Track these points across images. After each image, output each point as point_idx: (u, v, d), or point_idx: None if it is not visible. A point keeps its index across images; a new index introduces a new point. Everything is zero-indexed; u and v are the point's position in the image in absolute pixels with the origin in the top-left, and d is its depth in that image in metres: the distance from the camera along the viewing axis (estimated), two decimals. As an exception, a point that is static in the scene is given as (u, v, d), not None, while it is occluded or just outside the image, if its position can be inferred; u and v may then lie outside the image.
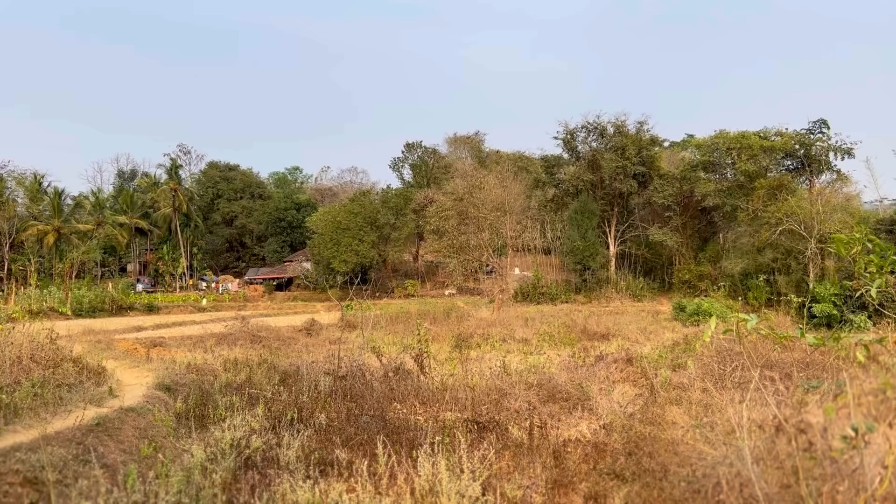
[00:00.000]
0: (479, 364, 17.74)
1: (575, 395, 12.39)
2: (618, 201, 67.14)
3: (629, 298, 60.66)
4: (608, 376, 15.85)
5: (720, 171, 62.25)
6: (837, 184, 60.42)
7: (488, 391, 12.12)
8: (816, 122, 58.00)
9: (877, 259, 4.46)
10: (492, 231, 53.05)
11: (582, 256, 63.44)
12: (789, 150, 58.34)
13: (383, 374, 13.51)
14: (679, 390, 12.82)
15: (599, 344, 26.39)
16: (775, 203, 53.87)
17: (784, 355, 16.37)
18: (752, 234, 56.97)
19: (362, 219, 68.82)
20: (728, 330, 4.36)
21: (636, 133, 66.10)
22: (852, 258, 4.30)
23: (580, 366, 17.57)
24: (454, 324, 34.63)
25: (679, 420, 9.03)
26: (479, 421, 9.72)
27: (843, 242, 4.22)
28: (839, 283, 47.55)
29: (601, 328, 33.00)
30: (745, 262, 56.43)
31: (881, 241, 20.81)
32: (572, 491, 6.84)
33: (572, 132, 68.36)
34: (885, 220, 53.26)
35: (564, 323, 35.23)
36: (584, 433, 9.62)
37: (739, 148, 58.70)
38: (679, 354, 19.53)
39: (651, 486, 6.63)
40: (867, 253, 4.28)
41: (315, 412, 10.77)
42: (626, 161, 64.01)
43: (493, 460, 7.59)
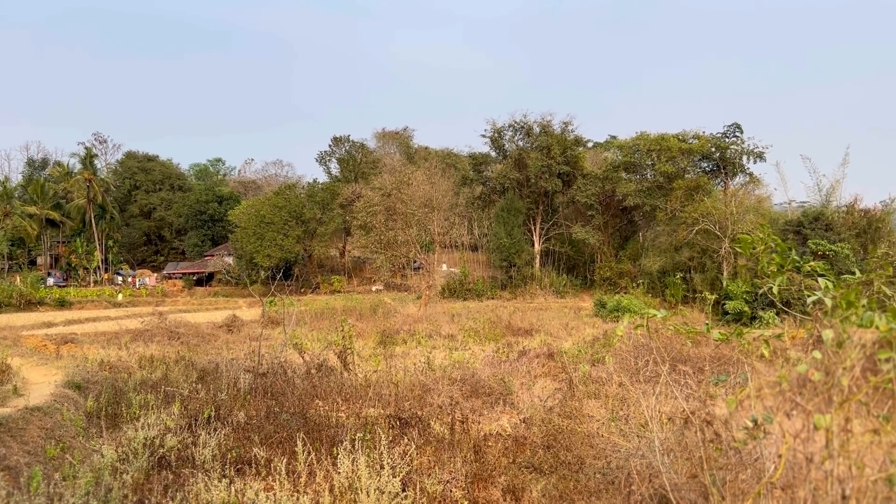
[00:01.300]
0: (405, 360, 17.75)
1: (497, 390, 12.55)
2: (543, 200, 68.24)
3: (553, 295, 61.83)
4: (530, 371, 16.12)
5: (641, 172, 64.09)
6: (750, 186, 63.19)
7: (412, 387, 12.13)
8: (731, 126, 60.49)
9: (778, 258, 4.68)
10: (420, 227, 53.08)
11: (508, 253, 64.24)
12: (706, 152, 60.61)
13: (306, 371, 13.33)
14: (597, 384, 13.17)
15: (523, 339, 26.83)
16: (692, 203, 55.88)
17: (697, 350, 17.02)
18: (670, 234, 58.92)
19: (287, 213, 67.60)
20: (639, 326, 4.50)
21: (561, 133, 67.35)
22: (757, 257, 4.51)
23: (504, 361, 17.81)
24: (380, 320, 34.52)
25: (596, 413, 9.27)
26: (401, 417, 9.72)
27: (746, 242, 4.41)
28: (750, 281, 49.81)
29: (525, 324, 33.55)
30: (663, 261, 58.31)
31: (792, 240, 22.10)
32: (492, 484, 6.93)
33: (500, 131, 69.11)
34: (793, 222, 55.92)
35: (490, 319, 35.65)
36: (505, 427, 9.75)
37: (659, 150, 60.59)
38: (598, 350, 20.05)
39: (567, 478, 6.78)
40: (770, 252, 4.49)
41: (234, 410, 10.54)
42: (552, 160, 65.14)
43: (415, 456, 7.61)
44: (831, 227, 53.00)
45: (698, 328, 4.75)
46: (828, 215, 54.55)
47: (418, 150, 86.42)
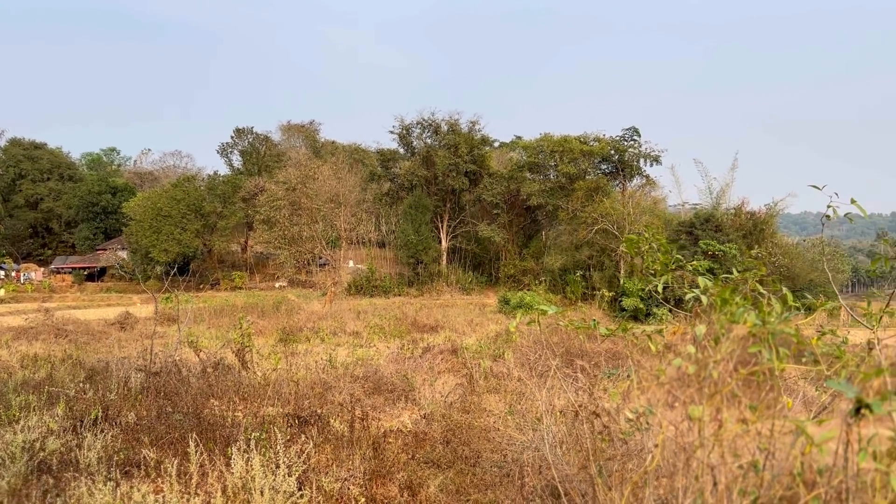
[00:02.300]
0: (307, 358, 17.49)
1: (400, 387, 12.57)
2: (450, 197, 68.80)
3: (459, 292, 62.49)
4: (433, 367, 16.22)
5: (544, 173, 65.64)
6: (646, 188, 65.92)
7: (313, 385, 11.97)
8: (629, 130, 62.84)
9: (662, 258, 4.90)
10: (325, 223, 52.38)
11: (415, 250, 64.42)
12: (605, 154, 62.72)
13: (202, 370, 12.92)
14: (497, 380, 13.41)
15: (428, 336, 26.96)
16: (592, 204, 57.72)
17: (594, 346, 17.61)
18: (571, 233, 60.66)
19: (186, 206, 65.19)
20: (531, 322, 4.61)
21: (468, 132, 68.09)
22: (642, 257, 4.70)
23: (408, 357, 17.84)
24: (283, 317, 33.86)
25: (495, 408, 9.44)
26: (300, 415, 9.57)
27: (632, 242, 4.60)
28: (646, 279, 52.05)
29: (431, 320, 33.74)
30: (564, 259, 59.97)
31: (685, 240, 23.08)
32: (390, 481, 6.94)
33: (408, 128, 69.14)
34: (686, 223, 58.71)
35: (396, 316, 35.63)
36: (406, 423, 9.78)
37: (562, 151, 62.23)
38: (501, 345, 20.39)
39: (465, 472, 6.88)
40: (654, 252, 4.69)
41: (123, 411, 10.09)
42: (459, 159, 65.77)
43: (313, 454, 7.52)
44: (721, 228, 56.01)
45: (589, 324, 4.90)
46: (718, 217, 57.61)
47: (325, 144, 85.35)
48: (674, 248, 4.73)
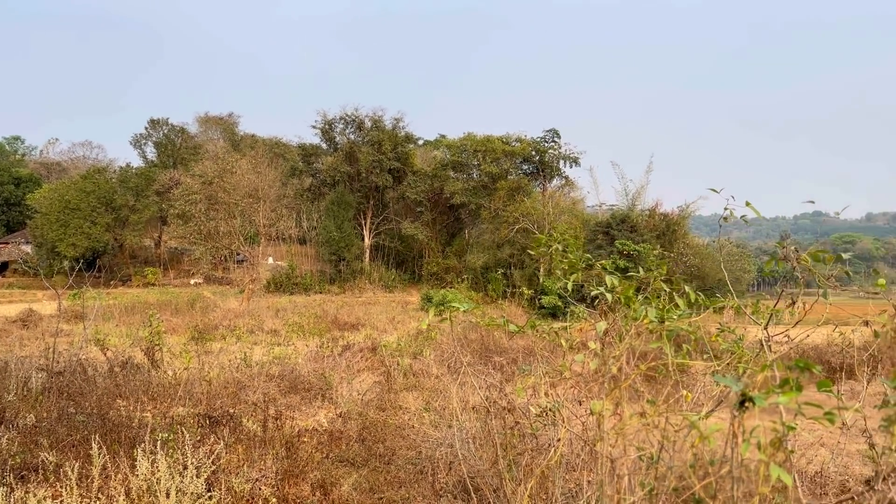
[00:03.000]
0: (221, 357, 17.07)
1: (317, 386, 12.42)
2: (374, 194, 68.41)
3: (382, 289, 62.23)
4: (352, 365, 16.11)
5: (467, 172, 66.12)
6: (566, 188, 67.39)
7: (226, 384, 11.69)
8: (549, 132, 64.07)
9: (571, 257, 5.02)
10: (244, 218, 51.13)
11: (338, 247, 63.74)
12: (527, 155, 63.73)
13: (109, 370, 12.41)
14: (416, 377, 13.44)
15: (349, 334, 26.74)
16: (513, 203, 58.55)
17: (513, 343, 17.85)
18: (493, 232, 61.34)
19: (96, 198, 62.36)
20: (444, 319, 4.64)
21: (392, 129, 67.86)
22: (550, 256, 4.80)
23: (327, 356, 17.65)
24: (198, 315, 32.90)
25: (412, 406, 9.45)
26: (212, 415, 9.33)
27: (540, 241, 4.69)
28: (556, 278, 53.14)
29: (352, 318, 33.46)
30: (486, 257, 60.61)
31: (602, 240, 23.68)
32: (303, 480, 6.85)
33: (330, 123, 68.31)
34: (603, 223, 60.26)
35: (316, 313, 35.16)
36: (321, 422, 9.67)
37: (485, 151, 62.86)
38: (422, 343, 20.44)
39: (379, 470, 6.86)
40: (562, 251, 4.80)
41: (21, 413, 9.59)
42: (383, 156, 65.47)
43: (224, 454, 7.34)
44: (636, 228, 57.76)
45: (499, 321, 4.97)
46: (633, 218, 59.39)
47: (244, 137, 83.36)
48: (581, 249, 4.89)
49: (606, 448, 3.08)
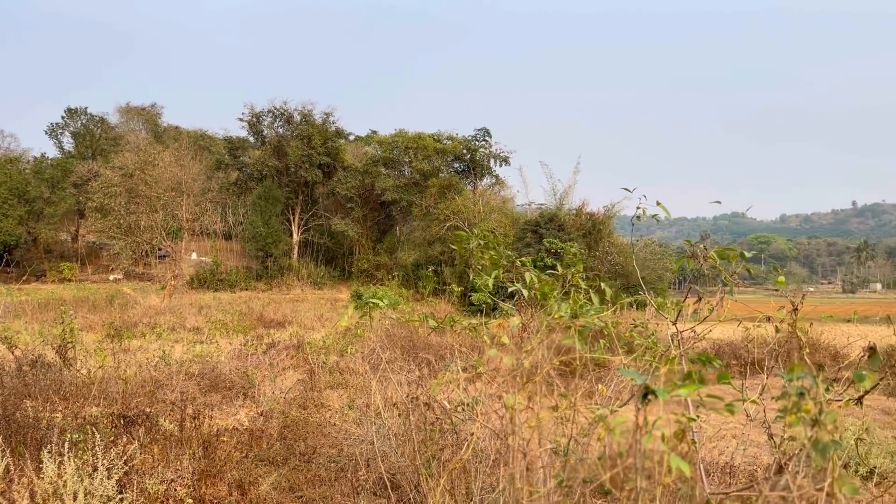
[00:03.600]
0: (139, 355, 16.54)
1: (239, 384, 12.17)
2: (303, 189, 67.44)
3: (310, 286, 61.48)
4: (277, 363, 15.88)
5: (399, 168, 66.02)
6: (496, 187, 68.18)
7: (143, 383, 11.33)
8: (480, 130, 64.64)
9: (494, 254, 5.07)
10: (166, 212, 49.45)
11: (265, 243, 62.57)
12: (458, 153, 64.12)
13: (17, 368, 11.83)
14: (342, 374, 13.35)
15: (275, 332, 26.29)
16: (445, 201, 58.81)
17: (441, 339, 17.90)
18: (424, 229, 61.45)
19: (7, 190, 59.28)
20: (364, 315, 4.63)
21: (322, 123, 67.08)
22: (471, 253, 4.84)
23: (251, 354, 17.33)
24: (117, 312, 31.75)
25: (335, 403, 9.38)
26: (127, 415, 9.02)
27: (462, 238, 4.72)
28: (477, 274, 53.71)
29: (279, 316, 32.94)
30: (417, 254, 60.68)
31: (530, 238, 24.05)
32: (220, 480, 6.70)
33: (258, 115, 66.99)
34: (532, 222, 61.21)
35: (241, 311, 34.46)
36: (242, 421, 9.49)
37: (416, 148, 62.91)
38: (350, 340, 20.31)
39: (300, 468, 6.78)
40: (483, 249, 4.85)
41: (-84, 416, 9.03)
42: (312, 150, 64.63)
43: (138, 455, 7.11)
44: (563, 227, 58.90)
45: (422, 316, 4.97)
46: (561, 217, 60.53)
47: (167, 129, 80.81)
48: (511, 247, 4.94)
49: (518, 441, 3.13)
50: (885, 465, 8.57)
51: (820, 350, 18.38)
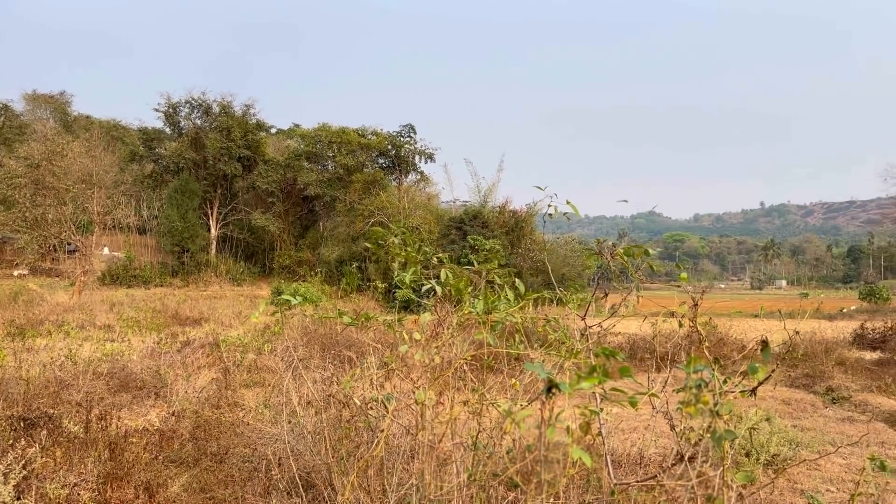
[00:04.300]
0: (44, 354, 15.76)
1: (151, 384, 11.78)
2: (222, 183, 65.64)
3: (229, 282, 59.97)
4: (192, 362, 15.46)
5: (322, 163, 65.17)
6: (421, 184, 68.27)
7: (47, 383, 10.80)
8: (406, 127, 64.48)
9: (409, 250, 5.07)
10: (76, 205, 47.25)
11: (181, 238, 60.61)
12: (383, 149, 63.81)
13: None
14: (261, 373, 13.10)
15: (191, 329, 25.55)
16: (369, 197, 58.47)
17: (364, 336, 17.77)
18: (348, 224, 60.88)
19: None
20: (276, 312, 4.55)
21: (243, 116, 65.46)
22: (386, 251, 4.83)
23: (165, 352, 16.79)
24: (21, 309, 30.15)
25: (251, 402, 9.20)
26: (28, 417, 8.58)
27: (377, 234, 4.71)
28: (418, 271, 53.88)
29: (195, 313, 32.04)
30: (341, 250, 60.05)
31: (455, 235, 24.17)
32: (127, 483, 6.46)
33: (175, 106, 64.77)
34: (456, 218, 61.64)
35: (155, 308, 33.38)
36: (153, 422, 9.18)
37: (340, 142, 62.23)
38: (269, 338, 19.95)
39: (212, 469, 6.61)
40: (399, 245, 4.85)
41: None
42: (232, 143, 62.99)
43: (39, 458, 6.78)
44: (487, 224, 59.55)
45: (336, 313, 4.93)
46: (485, 214, 61.19)
47: (78, 118, 77.27)
48: (435, 244, 4.95)
49: (427, 437, 3.15)
50: (785, 451, 9.02)
51: (728, 343, 19.19)
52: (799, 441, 9.56)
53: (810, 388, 15.48)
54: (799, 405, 13.77)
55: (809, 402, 14.12)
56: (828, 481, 8.55)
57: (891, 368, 17.53)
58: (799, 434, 10.07)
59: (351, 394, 4.83)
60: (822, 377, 16.40)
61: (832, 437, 10.99)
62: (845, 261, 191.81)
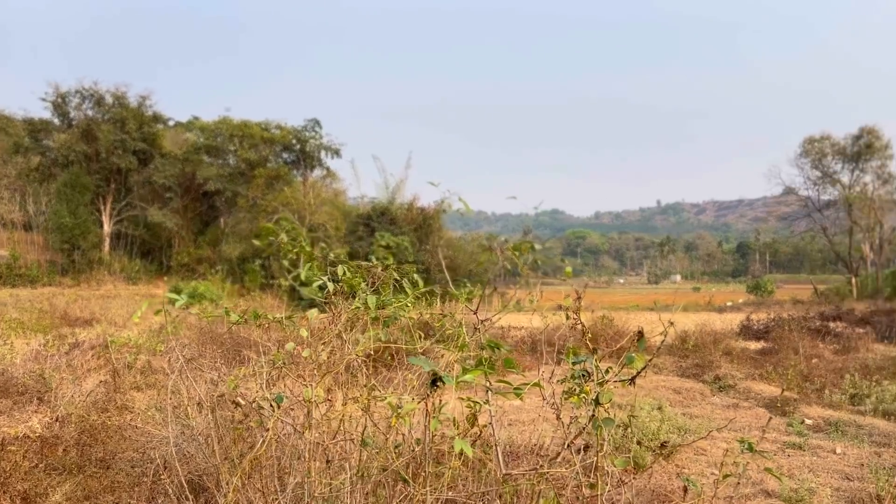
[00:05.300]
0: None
1: (34, 388, 11.12)
2: (116, 177, 62.58)
3: (124, 281, 57.37)
4: (82, 364, 14.73)
5: (223, 157, 63.28)
6: (328, 179, 67.37)
7: (-87, 392, 10.01)
8: (311, 121, 63.52)
9: (304, 245, 5.01)
10: (-48, 200, 44.03)
11: (71, 234, 57.45)
12: (287, 143, 62.63)
13: None
14: (156, 374, 12.61)
15: (81, 330, 24.28)
16: (273, 192, 57.26)
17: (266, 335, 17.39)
18: (251, 221, 59.35)
19: None
20: (159, 311, 4.40)
21: (138, 107, 62.66)
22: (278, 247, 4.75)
23: (51, 355, 15.90)
24: None
25: (142, 405, 8.85)
26: None
27: (269, 231, 4.63)
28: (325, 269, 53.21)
29: (86, 313, 30.48)
30: (243, 247, 58.49)
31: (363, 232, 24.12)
32: (3, 494, 6.09)
33: (64, 96, 61.23)
34: (364, 215, 61.26)
35: (43, 308, 31.52)
36: (35, 428, 8.67)
37: (242, 136, 60.65)
38: (164, 338, 19.23)
39: (97, 475, 6.32)
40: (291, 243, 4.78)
41: None
42: (126, 135, 60.18)
43: None
44: (395, 221, 59.48)
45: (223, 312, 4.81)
46: (393, 211, 61.07)
47: (-46, 107, 71.78)
48: (342, 240, 4.92)
49: (314, 435, 3.13)
50: (674, 438, 9.46)
51: (625, 336, 19.93)
52: (688, 428, 10.05)
53: (699, 378, 16.29)
54: (689, 394, 14.47)
55: (699, 390, 14.86)
56: (712, 465, 9.04)
57: (772, 357, 18.68)
58: (688, 421, 10.59)
59: (238, 393, 4.72)
60: (710, 367, 17.28)
61: (718, 423, 11.62)
62: (734, 256, 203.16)
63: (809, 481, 7.75)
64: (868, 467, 8.41)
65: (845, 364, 17.44)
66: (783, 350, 19.29)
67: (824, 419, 11.68)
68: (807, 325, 25.30)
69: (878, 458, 9.11)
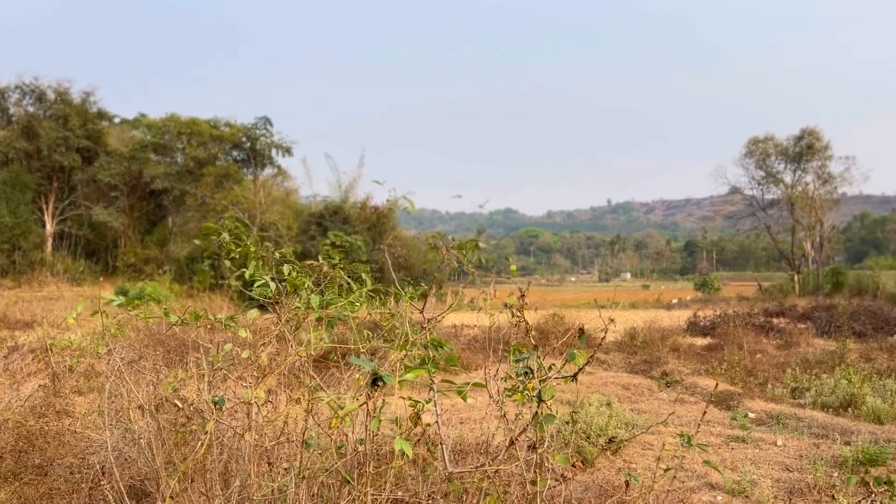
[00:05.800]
0: None
1: (-32, 394, 10.71)
2: (58, 175, 60.72)
3: (68, 282, 55.70)
4: (22, 368, 14.29)
5: (171, 155, 61.99)
6: (279, 178, 66.56)
7: None
8: (261, 119, 62.66)
9: (249, 243, 4.92)
10: None
11: (12, 235, 55.52)
12: (237, 141, 61.66)
13: None
14: (100, 378, 12.29)
15: (21, 333, 23.51)
16: (222, 191, 56.30)
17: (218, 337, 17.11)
18: (200, 220, 58.17)
19: None
20: (95, 313, 4.28)
21: (82, 103, 60.92)
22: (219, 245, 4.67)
23: (-12, 360, 15.37)
24: None
25: (84, 409, 8.60)
26: None
27: (212, 230, 4.54)
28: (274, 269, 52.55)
29: (27, 315, 29.57)
30: (192, 247, 57.37)
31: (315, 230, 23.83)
32: (-68, 506, 5.85)
33: (3, 91, 59.19)
34: (316, 214, 60.76)
35: (-21, 311, 30.44)
36: (-32, 436, 8.34)
37: (190, 133, 59.50)
38: (109, 341, 18.73)
39: (34, 482, 6.12)
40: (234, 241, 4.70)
41: None
42: (70, 133, 58.45)
43: None
44: (348, 220, 59.11)
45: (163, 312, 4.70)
46: (346, 210, 60.69)
47: None
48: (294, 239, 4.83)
49: (253, 437, 3.08)
50: (622, 433, 9.60)
51: (575, 333, 20.19)
52: (635, 423, 10.21)
53: (648, 374, 16.60)
54: (637, 389, 14.72)
55: (647, 386, 15.14)
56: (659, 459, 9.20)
57: (718, 353, 19.14)
58: (636, 417, 10.76)
59: (179, 396, 4.63)
60: (658, 363, 17.63)
61: (664, 417, 11.85)
62: (682, 254, 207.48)
63: (751, 473, 7.96)
64: (807, 458, 8.68)
65: (787, 359, 17.99)
66: (728, 346, 19.79)
67: (767, 412, 12.02)
68: (751, 321, 26.05)
69: (817, 449, 9.41)
